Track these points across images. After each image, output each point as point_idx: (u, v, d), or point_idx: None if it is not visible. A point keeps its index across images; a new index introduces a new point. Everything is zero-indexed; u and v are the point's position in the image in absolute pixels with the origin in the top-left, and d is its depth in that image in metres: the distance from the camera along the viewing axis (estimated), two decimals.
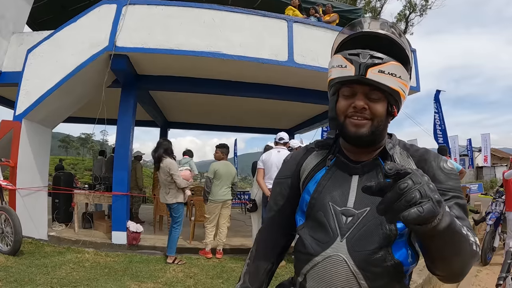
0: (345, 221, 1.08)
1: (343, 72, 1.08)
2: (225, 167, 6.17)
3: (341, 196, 1.12)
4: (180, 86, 7.69)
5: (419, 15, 26.31)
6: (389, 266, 1.04)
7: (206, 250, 6.14)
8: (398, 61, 1.07)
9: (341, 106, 1.13)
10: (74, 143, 79.45)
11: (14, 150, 6.06)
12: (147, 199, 14.26)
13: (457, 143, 17.86)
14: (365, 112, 1.08)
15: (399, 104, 1.13)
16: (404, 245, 1.09)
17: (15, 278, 4.27)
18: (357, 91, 1.09)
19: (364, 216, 1.07)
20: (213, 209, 6.13)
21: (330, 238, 1.08)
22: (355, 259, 1.03)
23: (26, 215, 5.96)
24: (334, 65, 1.13)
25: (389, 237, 1.05)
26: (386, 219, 0.82)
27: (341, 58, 1.09)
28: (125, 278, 4.71)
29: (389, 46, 1.08)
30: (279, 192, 1.34)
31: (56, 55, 6.26)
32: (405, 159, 1.15)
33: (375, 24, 1.14)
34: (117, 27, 6.10)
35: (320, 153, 1.26)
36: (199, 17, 6.38)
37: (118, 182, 6.75)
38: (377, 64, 1.04)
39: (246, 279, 1.31)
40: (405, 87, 1.11)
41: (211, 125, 13.78)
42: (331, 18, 8.13)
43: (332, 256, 1.05)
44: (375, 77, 1.04)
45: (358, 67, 1.05)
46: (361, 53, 1.06)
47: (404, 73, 1.09)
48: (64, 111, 7.06)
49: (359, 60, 1.05)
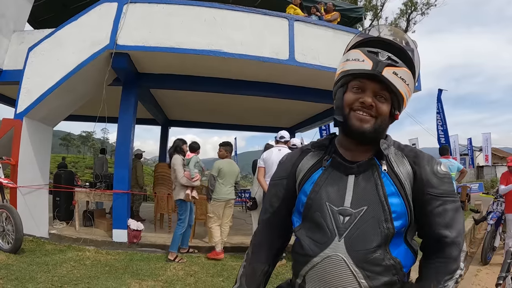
0: (342, 220, 1.09)
1: (359, 65, 1.11)
2: (229, 166, 6.13)
3: (337, 196, 1.13)
4: (181, 84, 7.69)
5: (421, 13, 26.28)
6: (388, 265, 1.05)
7: (218, 250, 5.93)
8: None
9: (348, 98, 1.14)
10: (75, 141, 79.51)
11: (15, 148, 6.07)
12: (148, 197, 14.27)
13: (457, 142, 17.85)
14: (371, 109, 1.11)
15: (401, 109, 1.16)
16: (402, 244, 1.11)
17: (16, 276, 4.29)
18: (367, 88, 1.11)
19: (361, 215, 1.08)
20: (217, 208, 6.00)
21: (328, 238, 1.09)
22: (354, 259, 1.04)
23: (27, 213, 5.98)
24: (350, 59, 1.15)
25: (386, 236, 1.06)
26: None
27: (360, 53, 1.12)
28: (125, 276, 4.72)
29: (402, 57, 1.11)
30: (274, 193, 1.34)
31: (57, 53, 6.27)
32: (400, 159, 1.17)
33: (392, 33, 1.18)
34: (118, 26, 6.10)
35: (316, 154, 1.27)
36: (200, 16, 6.38)
37: (119, 180, 6.76)
38: (393, 65, 1.08)
39: (243, 282, 1.32)
40: (409, 95, 1.15)
41: (211, 123, 13.77)
42: (332, 17, 8.12)
43: (331, 256, 1.06)
44: (390, 76, 1.07)
45: (376, 63, 1.08)
46: (380, 52, 1.09)
47: (411, 82, 1.13)
48: (65, 109, 7.06)
49: (378, 58, 1.08)
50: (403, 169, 1.14)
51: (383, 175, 1.13)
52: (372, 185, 1.12)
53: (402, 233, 1.11)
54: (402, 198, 1.10)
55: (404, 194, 1.11)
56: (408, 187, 1.12)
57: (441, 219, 1.10)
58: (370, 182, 1.12)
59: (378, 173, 1.13)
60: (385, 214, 1.07)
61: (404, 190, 1.11)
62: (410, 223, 1.12)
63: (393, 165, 1.15)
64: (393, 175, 1.13)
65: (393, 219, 1.07)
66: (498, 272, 3.42)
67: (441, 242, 1.11)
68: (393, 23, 25.97)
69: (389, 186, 1.11)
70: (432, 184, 1.11)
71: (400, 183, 1.12)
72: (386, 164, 1.14)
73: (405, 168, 1.14)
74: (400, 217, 1.09)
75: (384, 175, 1.13)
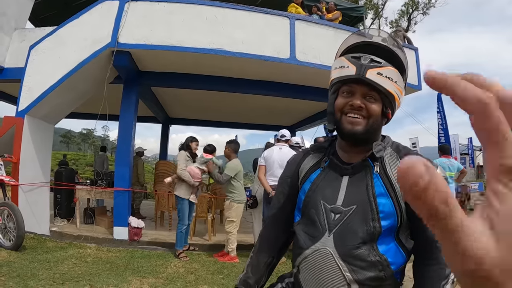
0: (333, 217, 1.17)
1: (344, 71, 1.15)
2: (240, 164, 5.98)
3: (331, 195, 1.20)
4: (182, 83, 7.69)
5: (422, 13, 26.24)
6: (373, 261, 1.10)
7: (233, 255, 5.75)
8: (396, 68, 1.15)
9: (339, 103, 1.20)
10: (75, 138, 79.55)
11: (17, 146, 6.09)
12: (149, 195, 14.30)
13: (457, 141, 17.82)
14: (361, 110, 1.16)
15: (393, 107, 1.19)
16: (392, 242, 1.15)
17: (18, 273, 4.31)
18: (355, 91, 1.16)
19: (351, 213, 1.15)
20: (240, 211, 5.80)
21: (319, 233, 1.17)
22: (340, 253, 1.11)
23: (29, 211, 6.00)
24: (337, 67, 1.19)
25: (372, 234, 1.11)
26: None
27: (344, 60, 1.16)
28: (126, 273, 4.75)
29: (389, 57, 1.16)
30: (281, 191, 1.43)
31: (58, 51, 6.27)
32: (394, 161, 1.21)
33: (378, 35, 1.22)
34: (119, 24, 6.11)
35: (316, 155, 1.35)
36: (201, 14, 6.38)
37: (120, 178, 6.78)
38: (376, 67, 1.11)
39: (249, 270, 1.40)
40: (400, 93, 1.17)
41: (212, 121, 13.76)
42: (333, 16, 8.13)
43: (320, 250, 1.14)
44: (374, 77, 1.11)
45: (359, 67, 1.12)
46: (362, 56, 1.13)
47: (400, 80, 1.16)
48: (66, 107, 7.08)
49: (360, 61, 1.12)
50: (395, 171, 1.16)
51: (375, 176, 1.18)
52: (363, 185, 1.17)
53: (392, 232, 1.15)
54: (391, 199, 1.15)
55: (394, 195, 1.15)
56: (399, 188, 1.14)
57: None
58: (362, 183, 1.18)
59: (370, 174, 1.19)
60: (372, 213, 1.13)
61: (394, 191, 1.16)
62: (401, 223, 1.15)
63: (386, 167, 1.19)
64: (384, 176, 1.18)
65: (380, 219, 1.12)
66: None
67: (432, 247, 1.14)
68: (394, 23, 25.95)
69: (379, 187, 1.16)
70: None
71: (390, 185, 1.16)
72: (379, 165, 1.19)
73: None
74: (388, 217, 1.13)
75: (376, 176, 1.18)
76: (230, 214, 5.73)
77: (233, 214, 5.71)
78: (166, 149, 13.39)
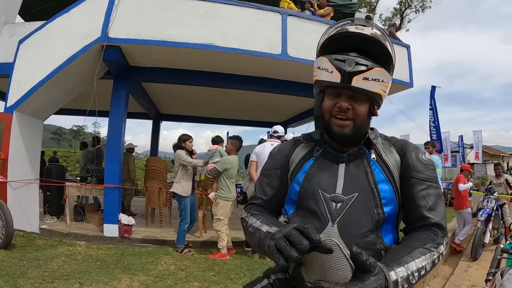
0: (335, 207, 1.15)
1: (329, 77, 1.14)
2: (236, 163, 5.95)
3: (329, 184, 1.18)
4: (173, 78, 7.64)
5: (415, 11, 26.29)
6: (379, 249, 1.11)
7: (224, 252, 5.67)
8: (381, 60, 1.15)
9: (326, 106, 1.20)
10: (66, 135, 78.84)
11: (5, 142, 6.00)
12: (139, 192, 14.23)
13: (449, 139, 17.96)
14: (348, 112, 1.16)
15: (380, 104, 1.21)
16: (391, 230, 1.18)
17: (7, 271, 4.25)
18: (342, 93, 1.16)
19: (353, 201, 1.14)
20: (227, 209, 5.75)
21: (322, 224, 1.14)
22: (347, 243, 1.09)
23: (18, 208, 5.92)
24: (321, 67, 1.18)
25: (377, 221, 1.12)
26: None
27: (328, 63, 1.14)
28: (117, 270, 4.70)
29: (374, 46, 1.15)
30: (268, 182, 1.37)
31: (48, 46, 6.18)
32: (388, 148, 1.24)
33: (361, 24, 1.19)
34: (110, 18, 6.02)
35: (307, 145, 1.33)
36: (193, 9, 6.32)
37: (110, 175, 6.71)
38: (362, 72, 1.10)
39: (267, 225, 1.15)
40: (386, 87, 1.17)
41: (204, 118, 13.74)
42: (325, 12, 8.11)
43: (325, 241, 1.08)
44: (359, 84, 1.10)
45: (343, 75, 1.10)
46: (347, 60, 1.11)
47: (387, 76, 1.15)
48: (56, 103, 6.99)
49: (345, 68, 1.10)
50: (391, 157, 1.21)
51: (373, 163, 1.19)
52: (362, 172, 1.18)
53: (393, 220, 1.18)
54: (391, 185, 1.17)
55: (393, 180, 1.18)
56: (396, 174, 1.19)
57: (424, 202, 1.15)
58: (360, 170, 1.18)
59: (367, 161, 1.20)
60: (375, 200, 1.13)
61: (392, 177, 1.18)
62: (399, 210, 1.18)
63: (381, 154, 1.21)
64: (382, 163, 1.20)
65: (383, 205, 1.13)
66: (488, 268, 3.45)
67: (425, 222, 1.14)
68: (387, 20, 25.99)
69: (379, 174, 1.17)
70: (417, 169, 1.18)
71: (389, 171, 1.18)
72: (375, 152, 1.21)
73: (393, 157, 1.22)
74: (390, 203, 1.15)
75: (374, 163, 1.19)
76: (216, 212, 5.77)
77: (220, 212, 5.72)
78: (157, 145, 13.31)
